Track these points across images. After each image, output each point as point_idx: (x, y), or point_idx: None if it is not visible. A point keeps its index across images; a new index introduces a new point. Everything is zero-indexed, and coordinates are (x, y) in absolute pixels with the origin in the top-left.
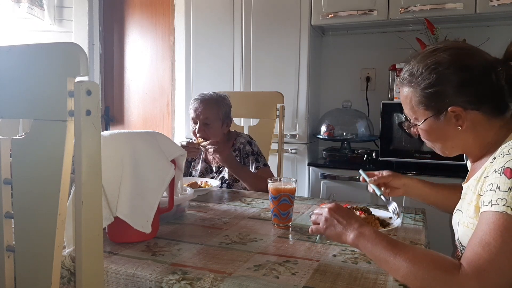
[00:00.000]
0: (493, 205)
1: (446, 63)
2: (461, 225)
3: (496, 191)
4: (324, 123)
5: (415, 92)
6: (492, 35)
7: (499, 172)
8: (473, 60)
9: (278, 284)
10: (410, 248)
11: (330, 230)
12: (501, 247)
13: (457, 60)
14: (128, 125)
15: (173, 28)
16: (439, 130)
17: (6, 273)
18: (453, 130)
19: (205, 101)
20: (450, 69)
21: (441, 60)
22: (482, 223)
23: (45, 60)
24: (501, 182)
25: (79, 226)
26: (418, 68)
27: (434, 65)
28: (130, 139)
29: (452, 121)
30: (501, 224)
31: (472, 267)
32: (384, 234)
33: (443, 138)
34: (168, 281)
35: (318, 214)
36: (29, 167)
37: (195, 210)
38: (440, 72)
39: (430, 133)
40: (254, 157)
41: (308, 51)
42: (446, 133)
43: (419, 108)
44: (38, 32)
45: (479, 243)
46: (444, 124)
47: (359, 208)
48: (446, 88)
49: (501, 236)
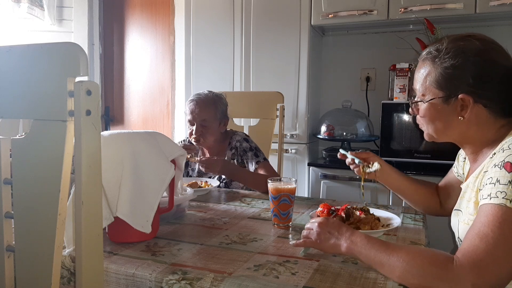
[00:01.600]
0: (492, 197)
1: (474, 50)
2: (461, 223)
3: (495, 184)
4: (324, 123)
5: (435, 69)
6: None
7: (499, 166)
8: (500, 57)
9: (278, 284)
10: (403, 248)
11: (324, 244)
12: (499, 238)
13: (486, 52)
14: (128, 125)
15: (173, 28)
16: (442, 113)
17: (6, 273)
18: (454, 118)
19: (201, 102)
20: (476, 58)
21: (471, 46)
22: (480, 215)
23: (45, 60)
24: (501, 176)
25: (79, 226)
26: (447, 47)
27: (463, 49)
28: (130, 139)
29: (457, 110)
30: (500, 216)
31: (468, 257)
32: (375, 238)
33: (441, 121)
34: (168, 281)
35: (309, 229)
36: (29, 167)
37: (195, 210)
38: (466, 57)
39: (431, 112)
40: (253, 153)
41: (308, 51)
42: (446, 119)
43: (432, 86)
44: (38, 32)
45: (477, 235)
46: (449, 109)
47: (359, 208)
48: (465, 74)
49: (499, 228)
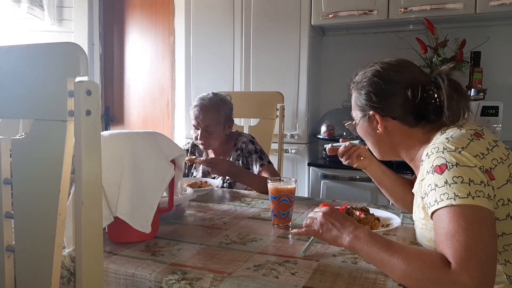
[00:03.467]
0: (439, 202)
1: (374, 72)
2: (417, 228)
3: (436, 189)
4: (324, 123)
5: (354, 95)
6: (492, 35)
7: (431, 172)
8: (397, 76)
9: (277, 284)
10: (404, 248)
11: (326, 234)
12: (465, 234)
13: (384, 72)
14: (128, 125)
15: (173, 28)
16: (366, 131)
17: (6, 273)
18: (375, 133)
19: (205, 108)
20: (373, 79)
21: (372, 69)
22: (437, 222)
23: (45, 60)
24: (436, 180)
25: (79, 226)
26: (358, 75)
27: (365, 73)
28: (130, 139)
29: (374, 125)
30: (454, 215)
31: (456, 260)
32: (379, 235)
33: (370, 139)
34: (167, 281)
35: (312, 218)
36: (29, 167)
37: (195, 210)
38: (367, 79)
39: (361, 133)
40: (257, 155)
41: (308, 51)
42: (371, 135)
43: (355, 110)
44: (38, 32)
45: (446, 239)
46: (369, 126)
47: (359, 208)
48: (370, 94)
49: (459, 225)
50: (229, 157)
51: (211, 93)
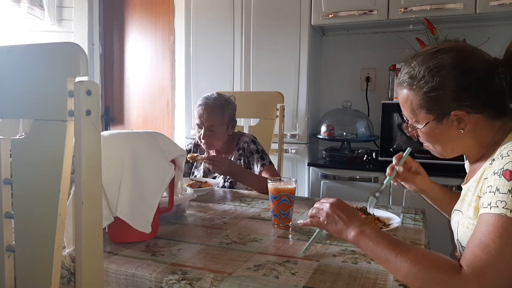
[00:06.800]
0: (492, 207)
1: (448, 66)
2: (461, 225)
3: (495, 193)
4: (324, 123)
5: (416, 95)
6: (492, 35)
7: (499, 174)
8: (475, 63)
9: (278, 284)
10: (412, 248)
11: (330, 226)
12: (500, 249)
13: (460, 63)
14: (128, 125)
15: (173, 28)
16: (441, 133)
17: (6, 273)
18: (455, 133)
19: (209, 108)
20: (453, 73)
21: (443, 63)
22: (481, 225)
23: (45, 60)
24: (500, 184)
25: (79, 226)
26: (420, 70)
27: (437, 68)
28: (130, 139)
29: (454, 124)
30: (500, 226)
31: (472, 269)
32: (385, 233)
33: (444, 141)
34: (168, 281)
35: (318, 208)
36: (29, 167)
37: (195, 210)
38: (443, 75)
39: (431, 136)
40: (259, 155)
41: (308, 51)
42: (448, 136)
43: (421, 112)
44: (38, 32)
45: (478, 245)
46: (446, 127)
47: (359, 209)
48: (449, 92)
49: (500, 238)
50: (230, 156)
51: (216, 93)
